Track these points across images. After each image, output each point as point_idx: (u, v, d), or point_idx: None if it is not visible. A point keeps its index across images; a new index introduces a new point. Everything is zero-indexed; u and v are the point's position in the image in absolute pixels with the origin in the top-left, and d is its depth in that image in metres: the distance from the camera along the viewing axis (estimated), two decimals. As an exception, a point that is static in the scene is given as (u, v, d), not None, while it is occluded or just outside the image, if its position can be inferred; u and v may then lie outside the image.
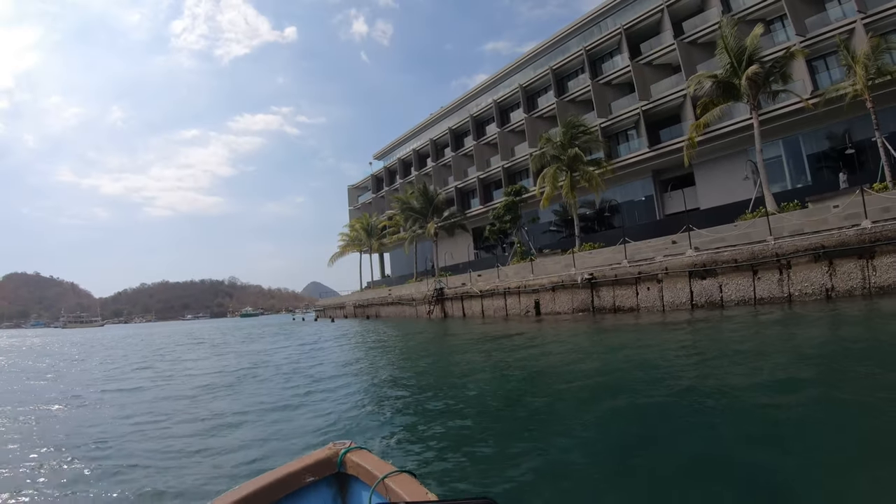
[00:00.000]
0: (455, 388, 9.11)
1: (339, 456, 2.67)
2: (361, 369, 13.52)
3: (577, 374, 9.38)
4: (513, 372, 10.57)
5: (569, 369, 10.00)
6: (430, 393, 8.84)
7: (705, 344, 11.47)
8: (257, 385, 11.46)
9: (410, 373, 12.07)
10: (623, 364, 9.88)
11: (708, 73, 23.59)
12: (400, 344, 19.73)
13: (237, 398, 9.84)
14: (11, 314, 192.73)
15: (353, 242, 57.20)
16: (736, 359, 8.98)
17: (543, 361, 11.66)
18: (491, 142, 47.17)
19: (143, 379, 14.07)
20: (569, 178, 26.96)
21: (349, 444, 2.74)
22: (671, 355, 10.29)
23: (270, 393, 10.13)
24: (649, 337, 13.60)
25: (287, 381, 11.55)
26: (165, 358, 20.74)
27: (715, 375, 7.94)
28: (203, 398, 10.06)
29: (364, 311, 49.01)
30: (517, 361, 11.78)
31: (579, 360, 11.15)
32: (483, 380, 9.90)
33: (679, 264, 18.38)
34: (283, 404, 8.78)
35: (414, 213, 42.70)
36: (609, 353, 11.52)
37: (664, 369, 8.77)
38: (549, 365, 11.13)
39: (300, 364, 15.23)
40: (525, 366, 11.17)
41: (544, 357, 12.34)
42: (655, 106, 34.72)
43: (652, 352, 11.07)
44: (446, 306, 33.12)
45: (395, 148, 63.63)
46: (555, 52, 42.56)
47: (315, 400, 9.04)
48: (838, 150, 27.99)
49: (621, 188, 37.52)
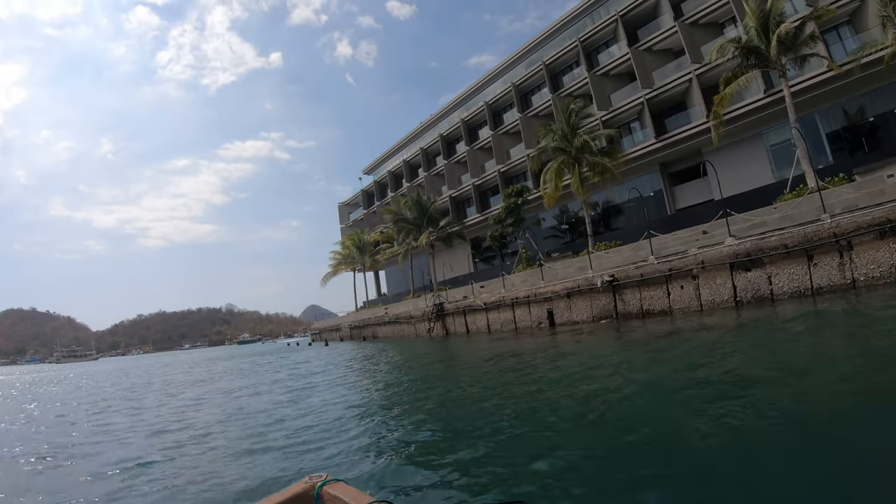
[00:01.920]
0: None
1: (315, 489, 2.42)
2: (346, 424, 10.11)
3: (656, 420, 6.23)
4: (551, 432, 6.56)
5: (631, 409, 7.02)
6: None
7: (811, 351, 8.59)
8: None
9: (416, 437, 8.03)
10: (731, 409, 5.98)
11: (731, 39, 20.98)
12: (395, 378, 16.32)
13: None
14: (8, 351, 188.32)
15: (345, 261, 54.41)
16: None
17: (588, 401, 7.97)
18: (485, 146, 44.62)
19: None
20: (576, 171, 24.11)
21: (325, 476, 2.48)
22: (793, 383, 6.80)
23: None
24: (711, 349, 10.73)
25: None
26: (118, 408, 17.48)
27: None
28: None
29: (360, 332, 46.06)
30: (547, 402, 8.20)
31: (638, 391, 8.01)
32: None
33: (717, 256, 15.63)
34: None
35: (407, 225, 39.79)
36: (688, 385, 7.63)
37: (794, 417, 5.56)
38: (604, 407, 7.48)
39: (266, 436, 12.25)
40: (567, 414, 7.22)
41: (584, 390, 8.83)
42: (660, 93, 32.42)
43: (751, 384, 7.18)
44: (448, 322, 30.23)
45: (385, 160, 61.00)
46: (547, 46, 40.23)
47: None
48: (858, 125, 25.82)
49: (628, 184, 34.87)
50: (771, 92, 27.18)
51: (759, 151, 29.84)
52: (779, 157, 29.23)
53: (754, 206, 20.20)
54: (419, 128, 54.69)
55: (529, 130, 39.68)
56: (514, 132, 41.87)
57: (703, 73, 30.25)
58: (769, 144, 29.73)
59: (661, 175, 33.97)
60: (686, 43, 30.75)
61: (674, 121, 32.39)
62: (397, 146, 58.57)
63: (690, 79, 30.89)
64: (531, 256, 30.37)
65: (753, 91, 28.00)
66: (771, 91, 27.18)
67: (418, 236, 38.67)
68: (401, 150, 57.87)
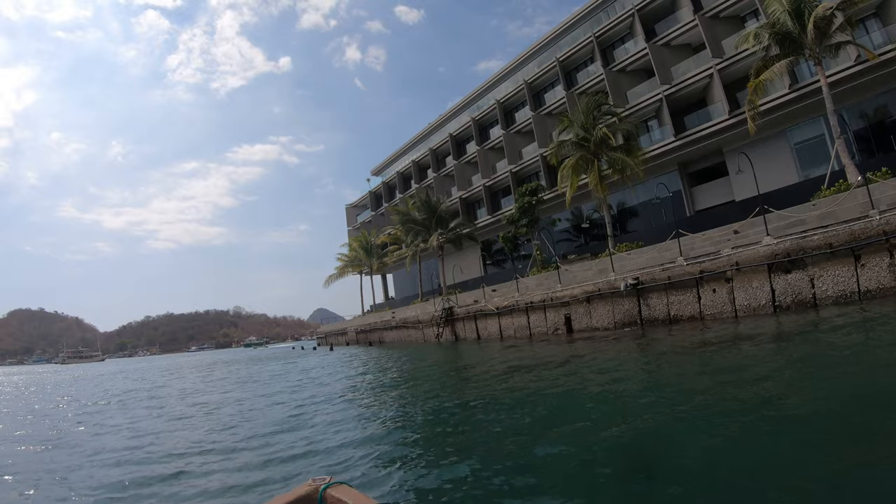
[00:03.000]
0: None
1: (319, 492, 2.36)
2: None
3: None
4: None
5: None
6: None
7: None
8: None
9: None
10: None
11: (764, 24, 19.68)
12: (398, 391, 15.03)
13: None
14: (16, 350, 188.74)
15: (352, 263, 53.28)
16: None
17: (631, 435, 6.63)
18: (496, 146, 43.45)
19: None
20: (596, 167, 22.79)
21: (329, 479, 2.43)
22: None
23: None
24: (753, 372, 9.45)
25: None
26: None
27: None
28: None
29: (366, 336, 44.91)
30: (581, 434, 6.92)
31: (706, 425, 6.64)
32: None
33: (754, 256, 14.34)
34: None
35: (416, 226, 38.48)
36: (746, 408, 6.36)
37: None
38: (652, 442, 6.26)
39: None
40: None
41: (621, 413, 7.66)
42: (679, 90, 31.15)
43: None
44: (457, 327, 29.02)
45: (394, 161, 59.89)
46: (560, 43, 39.01)
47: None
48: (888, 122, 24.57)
49: (643, 185, 33.55)
50: (796, 87, 26.00)
51: (782, 150, 28.54)
52: (804, 156, 27.94)
53: (779, 206, 18.67)
54: (428, 128, 53.57)
55: (542, 129, 38.52)
56: (527, 131, 40.66)
57: (725, 67, 29.05)
58: (793, 143, 28.47)
59: (680, 175, 32.67)
60: (707, 37, 29.52)
61: (693, 118, 31.13)
62: (406, 147, 57.48)
63: (711, 74, 29.65)
64: (546, 259, 29.08)
65: (777, 86, 26.84)
66: (796, 86, 25.99)
67: (427, 238, 37.45)
68: (410, 150, 56.76)
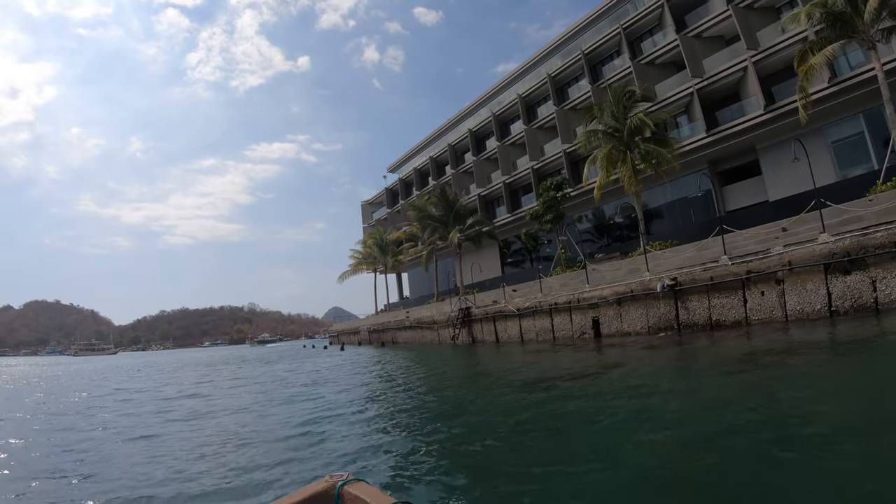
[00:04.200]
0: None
1: (336, 488, 2.36)
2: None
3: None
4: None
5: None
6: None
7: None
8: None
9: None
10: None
11: (815, 2, 18.18)
12: (407, 402, 13.84)
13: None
14: (31, 341, 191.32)
15: (365, 260, 52.25)
16: None
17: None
18: (517, 141, 42.08)
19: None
20: (629, 159, 21.37)
21: (346, 475, 2.42)
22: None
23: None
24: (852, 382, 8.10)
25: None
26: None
27: None
28: None
29: (379, 336, 43.87)
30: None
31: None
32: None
33: (808, 255, 12.95)
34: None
35: (433, 222, 37.30)
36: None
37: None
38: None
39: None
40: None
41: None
42: (710, 84, 29.65)
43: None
44: (474, 329, 27.81)
45: (411, 158, 58.77)
46: (585, 35, 37.61)
47: None
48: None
49: (671, 184, 32.06)
50: (835, 81, 24.47)
51: (819, 148, 26.87)
52: (843, 155, 26.33)
53: (813, 208, 17.69)
54: (447, 124, 52.39)
55: (566, 124, 37.16)
56: (549, 126, 39.27)
57: (761, 60, 27.52)
58: (831, 141, 26.88)
59: (711, 173, 31.13)
60: (741, 28, 28.02)
61: (725, 114, 29.63)
62: (424, 143, 56.35)
63: (746, 67, 28.11)
64: (571, 258, 27.72)
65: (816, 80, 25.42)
66: (835, 80, 24.47)
67: (444, 234, 36.20)
68: (427, 146, 55.58)
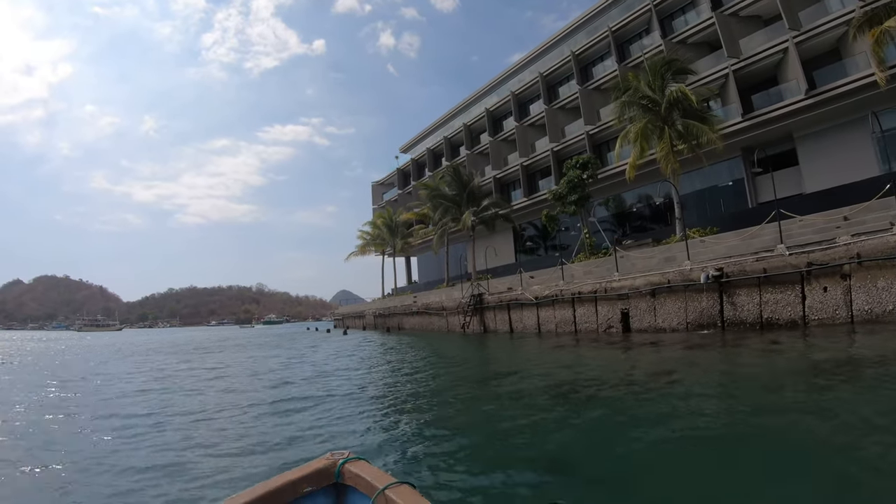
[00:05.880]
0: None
1: (337, 466, 2.46)
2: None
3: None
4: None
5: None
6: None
7: None
8: None
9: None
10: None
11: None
12: (404, 403, 12.43)
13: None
14: (39, 316, 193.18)
15: (374, 241, 50.63)
16: None
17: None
18: (537, 122, 39.98)
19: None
20: (668, 135, 19.44)
21: (347, 453, 2.51)
22: None
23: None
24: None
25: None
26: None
27: None
28: None
29: (385, 321, 42.33)
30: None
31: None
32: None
33: (882, 247, 11.11)
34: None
35: (445, 202, 35.39)
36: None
37: None
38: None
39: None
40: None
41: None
42: (747, 65, 27.62)
43: None
44: (486, 317, 26.15)
45: (425, 138, 56.69)
46: (613, 11, 35.44)
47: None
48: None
49: (698, 173, 30.08)
50: (884, 67, 22.38)
51: (862, 139, 24.97)
52: (890, 146, 24.51)
53: (856, 201, 15.80)
54: (462, 103, 50.23)
55: (589, 105, 35.09)
56: (571, 107, 37.16)
57: (803, 41, 25.46)
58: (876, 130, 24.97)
59: (744, 162, 29.14)
60: (783, 6, 25.91)
61: (763, 97, 27.61)
62: (438, 123, 54.27)
63: (787, 48, 26.06)
64: (596, 244, 25.92)
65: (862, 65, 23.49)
66: (884, 67, 22.40)
67: (457, 216, 34.36)
68: (441, 126, 53.47)
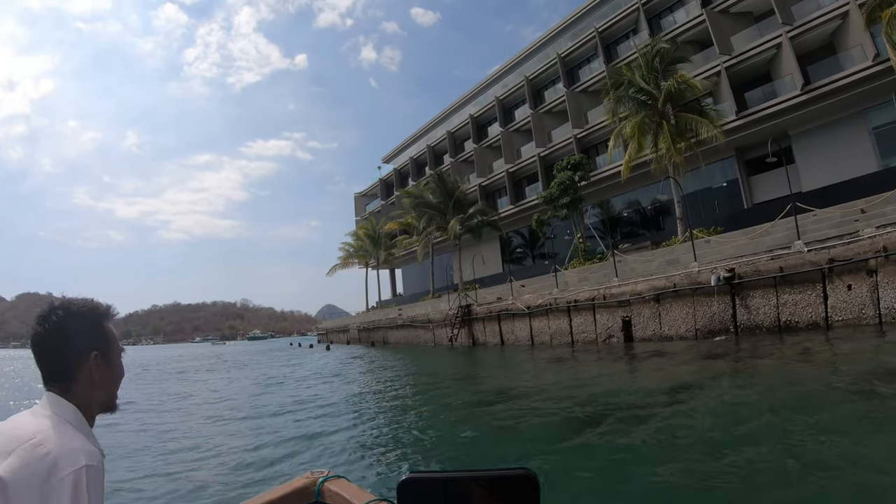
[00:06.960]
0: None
1: (316, 485, 2.29)
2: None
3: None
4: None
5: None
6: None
7: None
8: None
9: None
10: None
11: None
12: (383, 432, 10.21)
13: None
14: (21, 334, 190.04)
15: (356, 253, 49.03)
16: None
17: None
18: (522, 127, 38.92)
19: None
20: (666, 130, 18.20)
21: (327, 472, 2.35)
22: None
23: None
24: None
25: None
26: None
27: None
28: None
29: (369, 335, 40.67)
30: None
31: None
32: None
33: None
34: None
35: (430, 210, 34.03)
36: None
37: None
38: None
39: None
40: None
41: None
42: (740, 62, 26.87)
43: None
44: (475, 329, 24.68)
45: (407, 147, 55.37)
46: (599, 13, 34.62)
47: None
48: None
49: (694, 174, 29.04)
50: (880, 60, 21.85)
51: (858, 135, 24.36)
52: (886, 142, 23.79)
53: (854, 197, 15.44)
54: (445, 111, 49.04)
55: (577, 108, 34.11)
56: (558, 111, 36.16)
57: (797, 36, 24.79)
58: (872, 126, 24.33)
59: (738, 162, 28.21)
60: (775, 1, 25.29)
61: (756, 96, 26.79)
62: (421, 131, 52.97)
63: (780, 43, 25.35)
64: (590, 249, 24.62)
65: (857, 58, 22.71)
66: (880, 59, 21.85)
67: (442, 224, 32.92)
68: (425, 135, 52.15)
